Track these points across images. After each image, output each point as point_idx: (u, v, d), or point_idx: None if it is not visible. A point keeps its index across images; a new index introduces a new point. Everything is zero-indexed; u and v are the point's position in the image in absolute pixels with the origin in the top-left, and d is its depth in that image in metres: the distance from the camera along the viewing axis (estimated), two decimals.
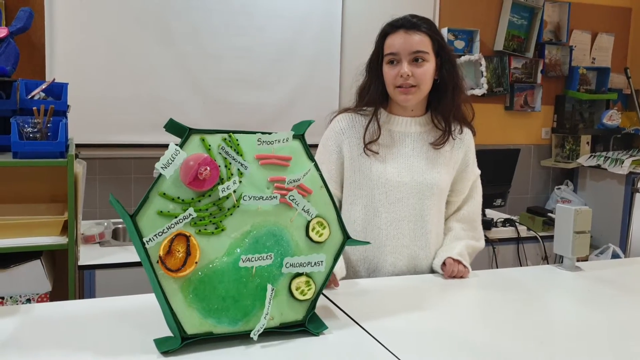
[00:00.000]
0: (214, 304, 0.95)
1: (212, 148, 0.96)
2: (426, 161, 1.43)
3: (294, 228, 1.01)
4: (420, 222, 1.43)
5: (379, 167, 1.41)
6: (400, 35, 1.37)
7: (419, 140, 1.44)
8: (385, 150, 1.43)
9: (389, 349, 0.97)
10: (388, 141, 1.44)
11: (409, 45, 1.36)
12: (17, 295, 1.78)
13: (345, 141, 1.44)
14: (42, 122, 1.80)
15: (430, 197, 1.42)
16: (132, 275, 1.91)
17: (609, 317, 1.17)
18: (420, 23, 1.38)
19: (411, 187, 1.41)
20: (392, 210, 1.42)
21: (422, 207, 1.42)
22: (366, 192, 1.42)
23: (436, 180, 1.42)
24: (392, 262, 1.43)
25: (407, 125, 1.45)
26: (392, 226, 1.42)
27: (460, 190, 1.51)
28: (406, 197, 1.41)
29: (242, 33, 3.00)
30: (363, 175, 1.42)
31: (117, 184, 2.92)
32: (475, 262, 1.51)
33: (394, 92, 1.40)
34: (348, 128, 1.45)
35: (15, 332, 0.99)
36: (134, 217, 0.90)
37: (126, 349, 0.93)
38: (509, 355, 0.97)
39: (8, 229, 1.76)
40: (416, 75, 1.36)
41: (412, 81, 1.36)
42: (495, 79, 3.63)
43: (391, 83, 1.39)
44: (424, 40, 1.37)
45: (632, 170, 3.40)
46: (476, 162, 1.53)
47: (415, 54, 1.36)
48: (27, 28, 2.11)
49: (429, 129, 1.46)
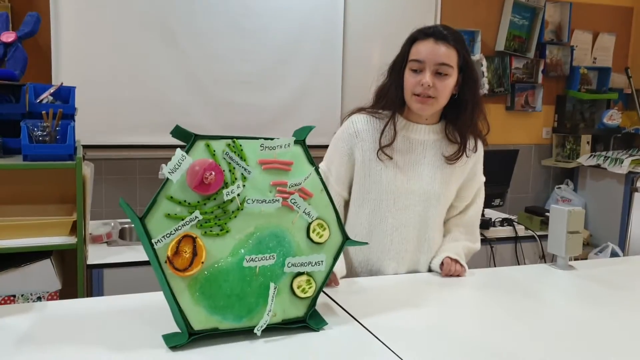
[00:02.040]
0: (219, 302, 0.99)
1: (216, 153, 1.00)
2: (435, 170, 1.43)
3: (296, 229, 1.05)
4: (424, 229, 1.45)
5: (389, 173, 1.41)
6: (429, 44, 1.35)
7: (431, 148, 1.44)
8: (397, 156, 1.42)
9: (386, 344, 1.01)
10: (402, 147, 1.43)
11: (436, 56, 1.34)
12: (28, 294, 1.82)
13: (359, 144, 1.43)
14: (51, 125, 1.85)
15: (437, 206, 1.44)
16: (139, 273, 1.95)
17: (600, 314, 1.20)
18: (450, 36, 1.36)
19: (419, 195, 1.42)
20: (398, 217, 1.43)
21: (427, 215, 1.44)
22: (374, 197, 1.43)
23: (444, 190, 1.44)
24: (395, 267, 1.45)
25: (423, 132, 1.44)
26: (397, 232, 1.43)
27: (465, 197, 1.51)
28: (413, 205, 1.43)
29: (245, 35, 3.04)
30: (372, 181, 1.42)
31: (123, 185, 2.96)
32: (473, 261, 1.54)
33: (411, 99, 1.38)
34: (363, 131, 1.43)
35: (29, 328, 1.03)
36: (143, 219, 0.95)
37: (136, 344, 0.97)
38: (502, 351, 1.00)
39: (19, 230, 1.80)
40: (437, 87, 1.35)
41: (431, 92, 1.35)
42: (497, 79, 3.65)
43: (410, 90, 1.37)
44: (451, 54, 1.35)
45: (631, 170, 3.43)
46: (482, 169, 1.53)
47: (440, 66, 1.34)
48: (34, 32, 2.16)
49: (441, 137, 1.45)
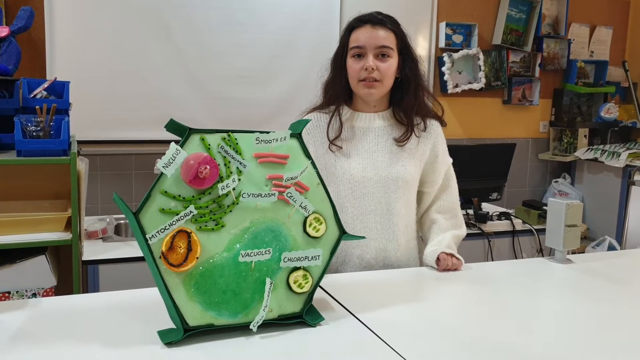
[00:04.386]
0: (214, 297, 0.98)
1: (211, 147, 0.99)
2: (390, 155, 1.45)
3: (292, 224, 1.05)
4: (387, 216, 1.45)
5: (343, 163, 1.45)
6: (367, 30, 1.41)
7: (382, 134, 1.47)
8: (348, 146, 1.46)
9: (383, 339, 1.01)
10: (351, 137, 1.47)
11: (375, 39, 1.39)
12: (23, 290, 1.81)
13: (311, 141, 1.47)
14: (44, 120, 1.83)
15: (396, 191, 1.45)
16: (134, 269, 1.95)
17: (597, 307, 1.20)
18: (386, 20, 1.42)
19: (376, 181, 1.44)
20: (358, 205, 1.45)
21: (388, 201, 1.45)
22: (332, 189, 1.44)
23: (401, 173, 1.45)
24: (360, 254, 1.46)
25: (370, 120, 1.48)
26: (357, 220, 1.45)
27: (433, 181, 1.53)
28: (372, 192, 1.44)
29: (241, 29, 3.02)
30: (329, 173, 1.46)
31: (118, 180, 2.95)
32: (470, 254, 1.54)
33: (357, 86, 1.43)
34: (313, 128, 1.48)
35: (24, 325, 1.02)
36: (137, 214, 0.94)
37: (131, 341, 0.97)
38: (500, 345, 1.00)
39: (13, 226, 1.79)
40: (380, 69, 1.40)
41: (376, 75, 1.39)
42: (494, 73, 3.64)
43: (355, 76, 1.42)
44: (390, 37, 1.41)
45: (628, 163, 3.43)
46: (447, 151, 1.55)
47: (381, 48, 1.39)
48: (28, 27, 2.14)
49: (392, 123, 1.48)
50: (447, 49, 3.51)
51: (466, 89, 3.57)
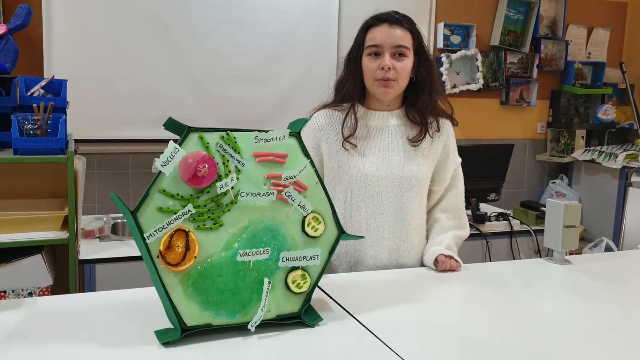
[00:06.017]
0: (212, 297, 0.98)
1: (210, 146, 0.99)
2: (404, 154, 1.45)
3: (290, 223, 1.04)
4: (400, 215, 1.45)
5: (357, 162, 1.43)
6: (384, 29, 1.40)
7: (396, 133, 1.46)
8: (362, 144, 1.45)
9: (381, 339, 1.00)
10: (365, 135, 1.45)
11: (392, 39, 1.39)
12: (19, 289, 1.80)
13: (323, 138, 1.46)
14: (42, 118, 1.82)
15: (410, 190, 1.44)
16: (131, 269, 1.94)
17: (596, 308, 1.20)
18: (403, 19, 1.42)
19: (390, 180, 1.43)
20: (372, 204, 1.44)
21: (402, 200, 1.44)
22: (345, 187, 1.44)
23: (415, 172, 1.44)
24: (373, 254, 1.45)
25: (384, 119, 1.47)
26: (371, 219, 1.44)
27: (442, 180, 1.52)
28: (385, 191, 1.43)
29: (239, 28, 3.01)
30: (342, 171, 1.45)
31: (116, 179, 2.94)
32: (468, 255, 1.54)
33: (373, 85, 1.42)
34: (326, 124, 1.46)
35: (20, 324, 1.02)
36: (135, 213, 0.93)
37: (128, 340, 0.96)
38: (498, 345, 1.00)
39: (9, 224, 1.78)
40: (397, 68, 1.39)
41: (391, 75, 1.38)
42: (491, 74, 3.65)
43: (371, 76, 1.41)
44: (406, 36, 1.40)
45: (625, 165, 3.44)
46: (457, 150, 1.55)
47: (397, 48, 1.39)
48: (25, 25, 2.13)
49: (405, 122, 1.48)
50: (445, 50, 3.52)
51: (464, 89, 3.57)
